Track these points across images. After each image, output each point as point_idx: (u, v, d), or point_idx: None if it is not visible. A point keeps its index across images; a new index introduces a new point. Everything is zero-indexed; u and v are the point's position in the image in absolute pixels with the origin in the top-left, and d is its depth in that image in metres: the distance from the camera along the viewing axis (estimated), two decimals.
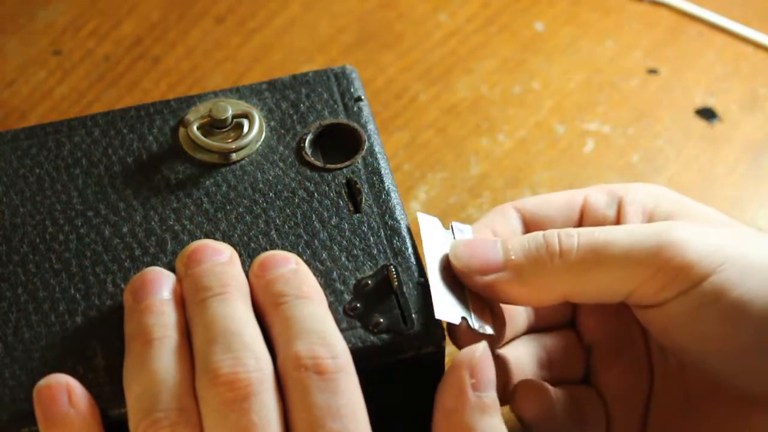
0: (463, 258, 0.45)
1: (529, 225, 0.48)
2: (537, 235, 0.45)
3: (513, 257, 0.44)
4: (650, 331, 0.46)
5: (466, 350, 0.42)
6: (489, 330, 0.44)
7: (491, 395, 0.42)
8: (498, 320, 0.46)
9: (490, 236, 0.47)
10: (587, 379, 0.50)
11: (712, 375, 0.45)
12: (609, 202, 0.48)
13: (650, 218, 0.47)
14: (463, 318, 0.44)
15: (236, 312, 0.42)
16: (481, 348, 0.42)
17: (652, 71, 0.73)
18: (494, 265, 0.44)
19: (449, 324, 0.44)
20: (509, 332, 0.49)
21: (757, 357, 0.43)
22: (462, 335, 0.44)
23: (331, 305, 0.44)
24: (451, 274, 0.45)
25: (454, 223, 0.47)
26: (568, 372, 0.50)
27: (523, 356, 0.49)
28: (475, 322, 0.44)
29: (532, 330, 0.50)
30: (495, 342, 0.46)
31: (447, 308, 0.43)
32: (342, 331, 0.42)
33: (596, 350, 0.50)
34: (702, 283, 0.43)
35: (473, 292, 0.45)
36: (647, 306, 0.44)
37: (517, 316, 0.49)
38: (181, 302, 0.43)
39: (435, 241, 0.46)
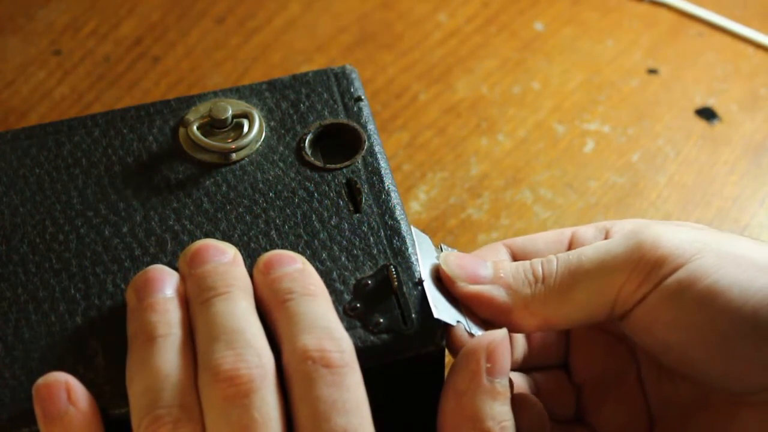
0: (452, 265, 0.45)
1: (519, 260, 0.49)
2: (525, 263, 0.46)
3: (502, 275, 0.45)
4: (637, 341, 0.46)
5: (486, 334, 0.43)
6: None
7: (504, 383, 0.43)
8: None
9: None
10: (582, 422, 0.50)
11: (700, 376, 0.45)
12: (596, 234, 0.49)
13: None
14: (459, 322, 0.44)
15: (239, 310, 0.42)
16: (501, 334, 0.43)
17: (652, 71, 0.73)
18: (482, 278, 0.45)
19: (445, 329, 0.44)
20: None
21: (735, 344, 0.43)
22: (458, 339, 0.44)
23: None
24: (443, 285, 0.45)
25: (442, 245, 0.47)
26: (558, 409, 0.50)
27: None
28: (471, 326, 0.44)
29: (523, 366, 0.51)
30: None
31: (444, 310, 0.43)
32: None
33: (586, 388, 0.50)
34: (677, 271, 0.43)
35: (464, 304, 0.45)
36: (631, 309, 0.45)
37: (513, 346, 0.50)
38: (184, 300, 0.43)
39: (427, 254, 0.46)
